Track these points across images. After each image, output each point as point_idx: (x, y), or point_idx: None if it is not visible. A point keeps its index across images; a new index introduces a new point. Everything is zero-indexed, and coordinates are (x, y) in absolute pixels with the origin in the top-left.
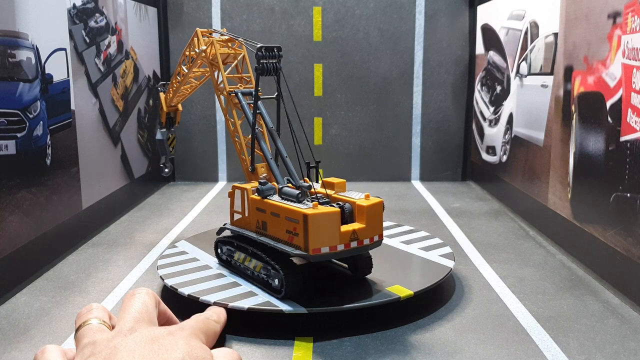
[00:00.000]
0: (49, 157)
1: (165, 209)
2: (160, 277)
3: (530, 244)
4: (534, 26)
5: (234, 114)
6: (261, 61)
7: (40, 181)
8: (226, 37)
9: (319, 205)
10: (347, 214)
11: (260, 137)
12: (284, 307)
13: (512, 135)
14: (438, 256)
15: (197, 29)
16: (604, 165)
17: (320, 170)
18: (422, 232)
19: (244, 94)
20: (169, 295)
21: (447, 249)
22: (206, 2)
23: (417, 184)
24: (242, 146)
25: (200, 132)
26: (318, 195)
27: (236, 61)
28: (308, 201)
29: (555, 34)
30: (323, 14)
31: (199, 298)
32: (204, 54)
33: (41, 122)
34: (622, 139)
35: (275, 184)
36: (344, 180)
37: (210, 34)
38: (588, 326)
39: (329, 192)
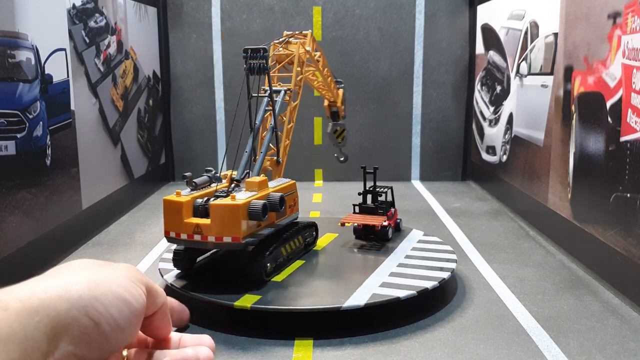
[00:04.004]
0: (49, 158)
1: None
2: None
3: (530, 244)
4: (534, 26)
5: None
6: (249, 61)
7: (40, 181)
8: (278, 40)
9: (181, 194)
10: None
11: (254, 134)
12: (170, 279)
13: (512, 135)
14: (399, 285)
15: (285, 31)
16: (604, 165)
17: (320, 170)
18: (452, 265)
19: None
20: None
21: (430, 283)
22: (206, 2)
23: (417, 184)
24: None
25: (200, 132)
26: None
27: (285, 61)
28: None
29: (555, 34)
30: (323, 13)
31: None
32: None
33: (41, 123)
34: (622, 139)
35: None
36: (265, 178)
37: (292, 36)
38: (588, 326)
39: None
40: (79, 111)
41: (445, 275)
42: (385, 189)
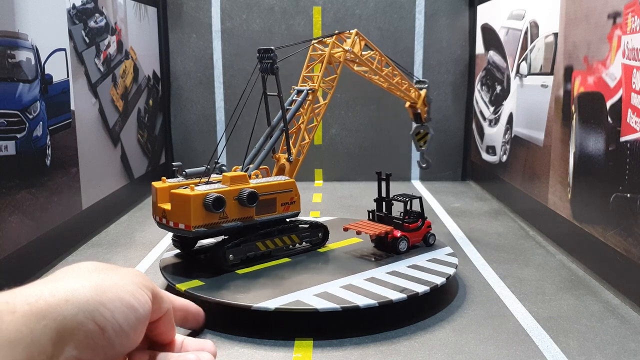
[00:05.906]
0: (49, 158)
1: None
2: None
3: (530, 244)
4: (534, 26)
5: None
6: (262, 61)
7: (40, 182)
8: (315, 40)
9: (166, 181)
10: None
11: (268, 130)
12: (167, 254)
13: (512, 135)
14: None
15: (336, 31)
16: (604, 165)
17: (320, 170)
18: (420, 288)
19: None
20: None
21: (367, 301)
22: (206, 2)
23: (417, 184)
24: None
25: (200, 132)
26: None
27: (317, 60)
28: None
29: (555, 34)
30: (323, 13)
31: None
32: None
33: (41, 123)
34: (622, 139)
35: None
36: (245, 174)
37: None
38: (588, 326)
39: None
40: (79, 111)
41: (395, 297)
42: (407, 199)
